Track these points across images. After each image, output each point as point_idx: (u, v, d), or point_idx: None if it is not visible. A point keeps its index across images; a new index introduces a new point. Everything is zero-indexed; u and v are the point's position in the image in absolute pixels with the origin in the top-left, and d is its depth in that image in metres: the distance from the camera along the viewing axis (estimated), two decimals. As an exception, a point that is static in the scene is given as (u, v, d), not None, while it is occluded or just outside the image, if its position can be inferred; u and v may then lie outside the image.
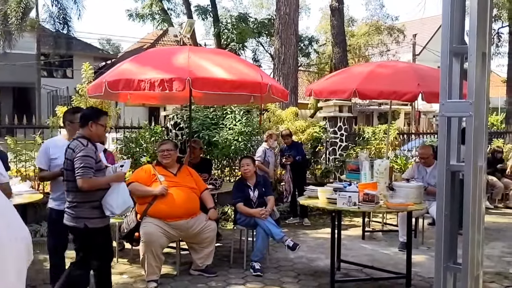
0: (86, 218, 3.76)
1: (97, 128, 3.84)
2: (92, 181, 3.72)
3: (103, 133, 4.01)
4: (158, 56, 5.99)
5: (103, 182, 3.82)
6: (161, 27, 23.42)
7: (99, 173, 3.81)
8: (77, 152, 3.68)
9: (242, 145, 8.28)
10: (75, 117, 4.16)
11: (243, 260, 5.54)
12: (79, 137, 3.79)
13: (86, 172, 3.67)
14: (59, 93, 21.48)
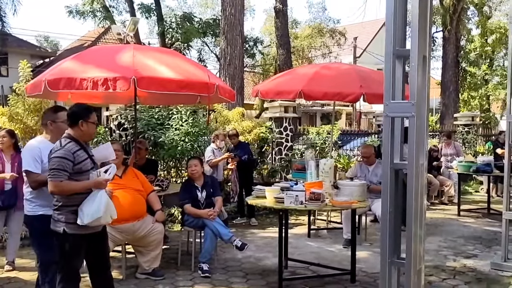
0: (65, 222, 3.43)
1: (88, 126, 3.52)
2: (63, 185, 3.37)
3: (94, 131, 3.70)
4: (101, 54, 5.81)
5: (78, 187, 3.43)
6: (102, 24, 22.80)
7: (81, 175, 3.47)
8: (52, 153, 3.41)
9: (189, 146, 8.21)
10: (58, 116, 3.85)
11: (191, 262, 5.49)
12: (65, 137, 3.50)
13: (56, 175, 3.35)
14: (-8, 92, 20.38)
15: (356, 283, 5.02)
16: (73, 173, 3.41)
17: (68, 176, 3.39)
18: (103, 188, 3.45)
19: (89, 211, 3.37)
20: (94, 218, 3.37)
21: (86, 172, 3.46)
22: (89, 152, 3.59)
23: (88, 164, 3.51)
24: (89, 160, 3.55)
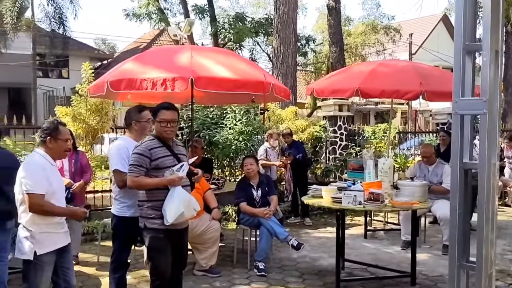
0: (146, 217, 3.58)
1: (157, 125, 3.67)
2: (139, 180, 3.51)
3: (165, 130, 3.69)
4: (160, 55, 5.96)
5: (153, 183, 3.53)
6: (157, 26, 23.38)
7: (159, 172, 3.54)
8: (133, 150, 3.59)
9: (242, 145, 8.26)
10: (142, 115, 3.98)
11: (246, 260, 5.52)
12: (150, 135, 3.68)
13: (133, 170, 3.51)
14: (55, 93, 21.38)
15: (416, 286, 4.88)
16: (150, 169, 3.54)
17: (145, 171, 3.52)
18: (177, 185, 3.49)
19: (171, 210, 3.46)
20: (177, 215, 3.45)
21: (165, 169, 3.53)
22: (174, 150, 3.64)
23: (167, 161, 3.56)
24: (171, 158, 3.59)
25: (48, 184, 3.20)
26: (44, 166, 3.25)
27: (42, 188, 3.17)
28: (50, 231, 3.28)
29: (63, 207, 3.40)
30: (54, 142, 3.33)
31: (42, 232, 3.22)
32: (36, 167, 3.23)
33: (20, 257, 3.23)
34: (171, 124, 3.60)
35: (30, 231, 3.19)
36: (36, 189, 3.14)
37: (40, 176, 3.19)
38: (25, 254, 3.19)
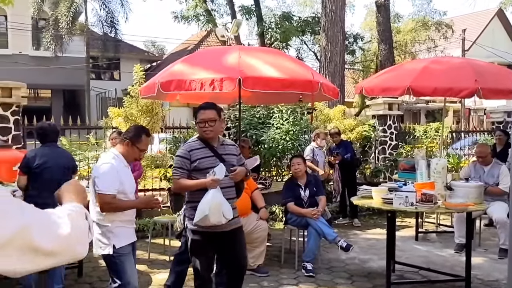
0: (187, 217, 3.63)
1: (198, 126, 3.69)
2: (180, 182, 3.56)
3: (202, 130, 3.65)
4: (208, 56, 6.03)
5: (191, 185, 3.55)
6: (205, 28, 23.67)
7: (200, 173, 3.52)
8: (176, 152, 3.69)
9: (289, 144, 8.22)
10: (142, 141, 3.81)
11: (294, 260, 5.49)
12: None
13: (175, 172, 3.58)
14: (107, 94, 22.10)
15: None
16: (191, 170, 3.55)
17: (187, 173, 3.55)
18: (213, 188, 3.44)
19: (198, 210, 3.46)
20: (200, 217, 3.43)
21: (204, 170, 3.51)
22: (218, 150, 3.59)
23: (206, 162, 3.52)
24: (211, 159, 3.54)
25: (119, 184, 3.28)
26: (117, 167, 3.31)
27: (114, 189, 3.25)
28: (125, 226, 3.39)
29: (133, 200, 3.54)
30: (131, 147, 3.41)
31: (118, 226, 3.32)
32: (109, 168, 3.28)
33: (101, 253, 3.32)
34: (209, 124, 3.51)
35: (107, 226, 3.29)
36: (108, 190, 3.22)
37: (113, 177, 3.26)
38: (104, 249, 3.29)
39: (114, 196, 3.25)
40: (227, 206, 3.48)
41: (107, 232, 3.29)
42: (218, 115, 3.60)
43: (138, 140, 3.41)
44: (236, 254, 3.68)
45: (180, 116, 9.49)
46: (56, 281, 4.34)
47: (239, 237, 3.69)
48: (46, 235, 1.10)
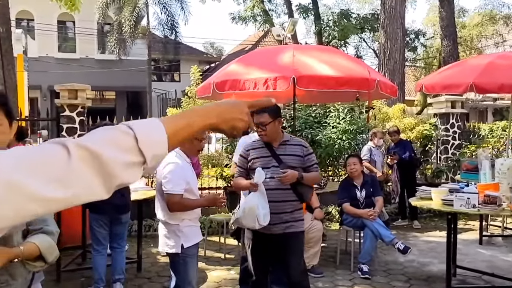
0: None
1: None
2: (235, 182, 3.66)
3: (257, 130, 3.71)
4: (263, 56, 6.06)
5: (239, 186, 3.62)
6: (262, 28, 23.82)
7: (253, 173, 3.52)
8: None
9: (346, 144, 8.08)
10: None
11: (350, 262, 5.39)
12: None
13: (236, 172, 3.65)
14: (167, 95, 22.75)
15: (541, 300, 4.41)
16: (249, 169, 3.58)
17: (245, 172, 3.57)
18: (253, 191, 3.41)
19: (236, 211, 3.50)
20: (234, 218, 3.44)
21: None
22: (275, 151, 3.50)
23: (258, 163, 3.50)
24: (265, 159, 3.49)
25: (185, 183, 3.27)
26: (181, 166, 3.30)
27: (181, 188, 3.25)
28: (193, 225, 3.38)
29: (200, 198, 3.52)
30: (190, 141, 3.31)
31: (187, 226, 3.31)
32: (174, 168, 3.25)
33: (168, 251, 3.35)
34: (261, 127, 3.46)
35: (177, 225, 3.29)
36: (175, 190, 3.23)
37: (178, 177, 3.25)
38: (172, 248, 3.30)
39: (182, 196, 3.24)
40: (264, 211, 3.36)
41: (177, 231, 3.28)
42: (272, 117, 3.46)
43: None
44: (288, 265, 3.57)
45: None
46: (118, 273, 4.55)
47: (292, 246, 3.51)
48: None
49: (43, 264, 1.85)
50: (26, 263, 1.79)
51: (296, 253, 3.56)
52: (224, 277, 5.05)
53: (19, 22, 21.95)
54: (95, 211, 4.39)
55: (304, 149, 3.56)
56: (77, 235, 5.51)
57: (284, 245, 3.50)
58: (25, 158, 0.73)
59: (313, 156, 3.62)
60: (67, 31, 24.84)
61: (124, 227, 4.69)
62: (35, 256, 1.79)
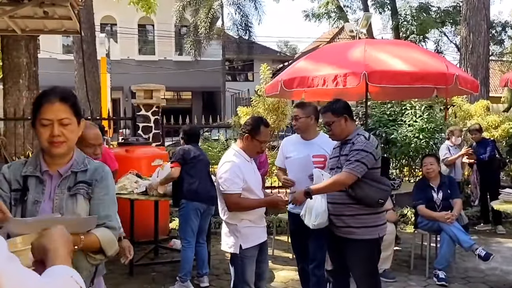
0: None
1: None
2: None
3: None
4: (333, 51, 5.91)
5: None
6: (337, 25, 23.43)
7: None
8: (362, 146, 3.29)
9: (423, 143, 7.70)
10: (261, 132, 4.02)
11: (425, 267, 5.10)
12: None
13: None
14: (240, 95, 23.05)
15: None
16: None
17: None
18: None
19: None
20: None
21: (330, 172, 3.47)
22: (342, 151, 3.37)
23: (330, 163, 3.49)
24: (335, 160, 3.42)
25: (243, 182, 3.21)
26: (240, 164, 3.24)
27: (238, 187, 3.19)
28: (253, 226, 3.28)
29: (260, 199, 3.35)
30: (250, 141, 3.27)
31: (246, 226, 3.24)
32: (232, 166, 3.20)
33: (227, 250, 3.35)
34: (326, 128, 3.46)
35: (235, 225, 3.25)
36: (232, 189, 3.19)
37: (236, 176, 3.19)
38: (231, 248, 3.29)
39: (240, 195, 3.19)
40: (317, 211, 3.31)
41: (235, 231, 3.25)
42: (336, 115, 3.33)
43: (257, 132, 3.28)
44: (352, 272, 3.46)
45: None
46: (205, 267, 4.81)
47: (354, 254, 3.33)
48: None
49: (103, 257, 1.89)
50: (88, 255, 1.84)
51: (359, 262, 3.35)
52: (292, 278, 4.97)
53: (103, 27, 23.24)
54: (195, 199, 4.57)
55: (352, 145, 3.29)
56: (150, 230, 5.68)
57: (347, 251, 3.35)
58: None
59: (355, 153, 3.21)
60: (147, 34, 25.95)
61: (207, 221, 4.89)
62: (95, 249, 1.84)
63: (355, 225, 3.28)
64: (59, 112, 1.84)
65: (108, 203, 1.95)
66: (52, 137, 1.83)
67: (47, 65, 18.58)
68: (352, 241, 3.29)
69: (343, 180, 3.19)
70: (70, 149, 1.91)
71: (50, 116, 1.83)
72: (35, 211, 1.84)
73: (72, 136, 1.88)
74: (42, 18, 6.00)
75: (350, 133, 3.36)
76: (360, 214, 3.27)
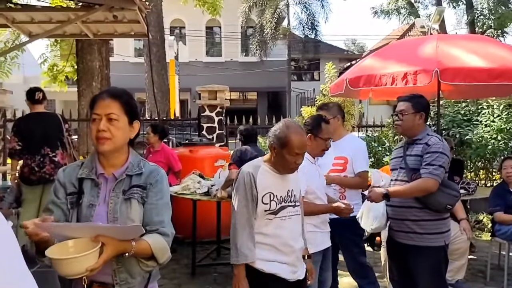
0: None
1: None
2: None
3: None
4: (402, 48, 5.60)
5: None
6: (407, 21, 22.62)
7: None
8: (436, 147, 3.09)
9: (502, 145, 7.17)
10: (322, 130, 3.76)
11: (503, 278, 4.72)
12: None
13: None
14: (305, 95, 22.85)
15: None
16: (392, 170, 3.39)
17: None
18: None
19: None
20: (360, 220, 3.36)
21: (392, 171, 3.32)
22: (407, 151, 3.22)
23: (392, 163, 3.36)
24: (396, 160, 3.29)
25: (306, 184, 3.08)
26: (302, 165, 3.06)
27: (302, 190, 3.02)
28: (317, 230, 3.15)
29: (324, 204, 3.21)
30: (314, 140, 3.19)
31: (309, 231, 3.06)
32: None
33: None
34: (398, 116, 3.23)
35: None
36: None
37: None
38: None
39: (302, 198, 3.04)
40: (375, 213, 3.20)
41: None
42: (414, 108, 3.13)
43: (318, 130, 3.18)
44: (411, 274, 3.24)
45: (380, 113, 9.18)
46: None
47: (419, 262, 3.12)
48: None
49: (155, 264, 1.85)
50: (140, 261, 1.80)
51: (425, 271, 3.10)
52: (356, 285, 4.77)
53: (173, 30, 23.93)
54: None
55: (426, 147, 3.06)
56: (212, 230, 5.70)
57: (411, 259, 3.13)
58: None
59: (436, 157, 3.00)
60: (214, 36, 26.43)
61: None
62: (147, 255, 1.80)
63: (419, 231, 3.06)
64: (108, 107, 1.84)
65: (161, 208, 1.90)
66: (98, 132, 1.82)
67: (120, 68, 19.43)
68: (416, 248, 3.08)
69: (430, 188, 2.98)
70: (116, 148, 1.87)
71: (99, 111, 1.84)
72: (89, 215, 1.83)
73: (119, 133, 1.85)
74: (112, 22, 6.23)
75: (419, 132, 3.17)
76: (425, 219, 3.05)
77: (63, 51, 9.82)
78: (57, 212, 1.87)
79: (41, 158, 4.98)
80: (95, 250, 1.61)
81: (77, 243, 1.68)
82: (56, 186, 1.91)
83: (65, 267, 1.60)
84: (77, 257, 1.57)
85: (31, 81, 14.57)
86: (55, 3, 7.51)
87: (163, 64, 13.27)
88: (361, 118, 9.01)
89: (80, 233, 1.71)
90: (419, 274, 3.13)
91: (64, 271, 1.62)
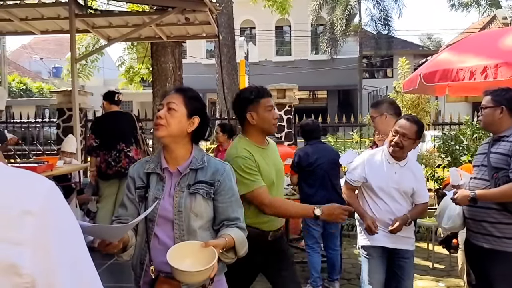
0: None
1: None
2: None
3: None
4: (481, 41, 5.29)
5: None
6: (488, 13, 21.37)
7: None
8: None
9: None
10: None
11: None
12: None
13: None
14: (378, 92, 22.25)
15: None
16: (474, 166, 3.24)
17: None
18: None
19: None
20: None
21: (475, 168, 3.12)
22: (491, 146, 3.00)
23: (475, 160, 3.19)
24: (481, 157, 3.10)
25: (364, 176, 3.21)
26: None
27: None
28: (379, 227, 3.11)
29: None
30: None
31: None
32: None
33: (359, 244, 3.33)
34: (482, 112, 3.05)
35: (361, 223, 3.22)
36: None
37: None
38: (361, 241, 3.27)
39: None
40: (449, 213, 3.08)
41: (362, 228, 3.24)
42: (494, 102, 2.91)
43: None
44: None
45: (458, 111, 8.75)
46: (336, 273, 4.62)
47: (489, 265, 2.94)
48: None
49: (234, 256, 1.93)
50: (221, 252, 1.85)
51: (502, 278, 2.85)
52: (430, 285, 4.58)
53: (243, 30, 24.24)
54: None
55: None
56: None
57: (487, 263, 2.90)
58: None
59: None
60: (284, 36, 26.44)
61: (336, 226, 4.61)
62: (230, 247, 1.88)
63: (496, 234, 2.82)
64: (171, 98, 1.95)
65: (235, 205, 1.99)
66: (157, 119, 1.93)
67: (193, 69, 19.97)
68: (493, 252, 2.84)
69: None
70: (171, 135, 1.93)
71: (164, 101, 1.95)
72: (155, 208, 1.90)
73: (174, 122, 1.91)
74: (184, 25, 6.42)
75: (504, 129, 2.90)
76: (503, 222, 2.80)
77: (139, 54, 10.24)
78: (131, 207, 1.98)
79: (117, 153, 5.28)
80: (216, 259, 1.69)
81: (185, 248, 1.77)
82: (128, 181, 2.01)
83: (191, 278, 1.70)
84: (205, 269, 1.66)
85: (110, 83, 15.37)
86: (131, 8, 7.84)
87: (233, 65, 13.46)
88: (437, 115, 8.60)
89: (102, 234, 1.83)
90: (495, 280, 2.90)
91: (189, 281, 1.74)
